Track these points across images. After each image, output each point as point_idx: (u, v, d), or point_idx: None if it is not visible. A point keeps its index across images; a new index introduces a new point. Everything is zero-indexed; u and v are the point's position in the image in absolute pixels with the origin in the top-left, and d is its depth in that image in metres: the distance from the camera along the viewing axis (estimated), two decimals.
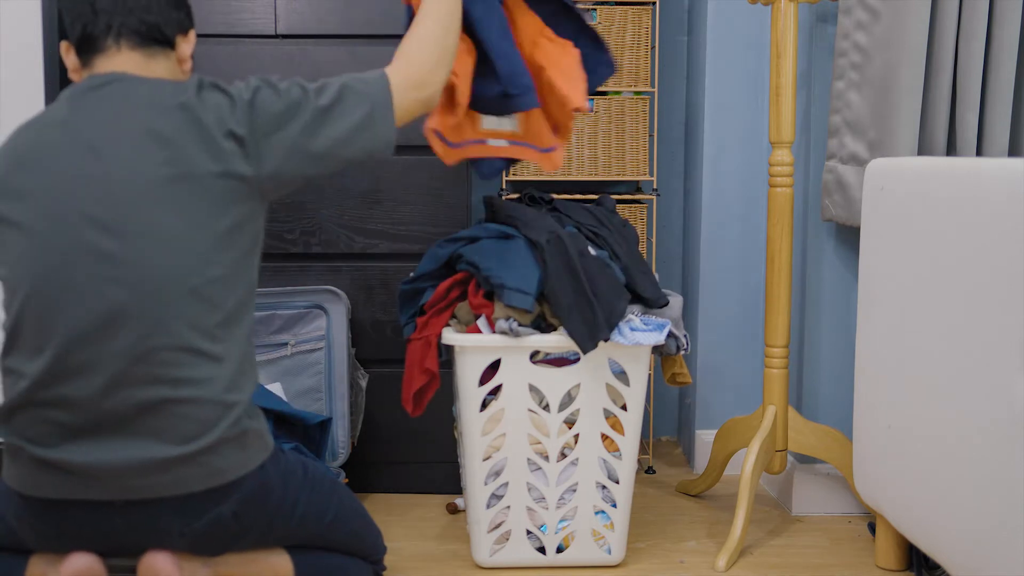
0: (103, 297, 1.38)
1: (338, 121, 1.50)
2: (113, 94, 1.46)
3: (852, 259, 2.21)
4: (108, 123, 1.43)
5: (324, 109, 1.49)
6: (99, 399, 1.38)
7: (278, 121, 1.47)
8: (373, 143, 1.53)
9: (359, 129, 1.51)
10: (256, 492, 1.47)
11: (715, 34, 2.44)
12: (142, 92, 1.46)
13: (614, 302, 1.82)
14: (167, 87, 1.47)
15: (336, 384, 2.21)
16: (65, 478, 1.40)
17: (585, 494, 1.91)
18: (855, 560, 1.99)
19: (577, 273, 1.81)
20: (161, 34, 1.52)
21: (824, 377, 2.25)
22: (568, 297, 1.81)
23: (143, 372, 1.38)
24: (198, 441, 1.40)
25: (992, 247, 1.49)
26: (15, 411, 1.41)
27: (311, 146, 1.49)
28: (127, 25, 1.50)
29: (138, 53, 1.50)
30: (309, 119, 1.48)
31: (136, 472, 1.39)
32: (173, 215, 1.41)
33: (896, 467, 1.79)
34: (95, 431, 1.39)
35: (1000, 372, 1.47)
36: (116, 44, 1.50)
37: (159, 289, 1.39)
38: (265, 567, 1.55)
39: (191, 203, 1.41)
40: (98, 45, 1.50)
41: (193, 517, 1.43)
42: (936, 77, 2.01)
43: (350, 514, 1.63)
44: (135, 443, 1.39)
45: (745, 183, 2.47)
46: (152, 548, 1.46)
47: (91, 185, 1.40)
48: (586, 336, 1.80)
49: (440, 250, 1.94)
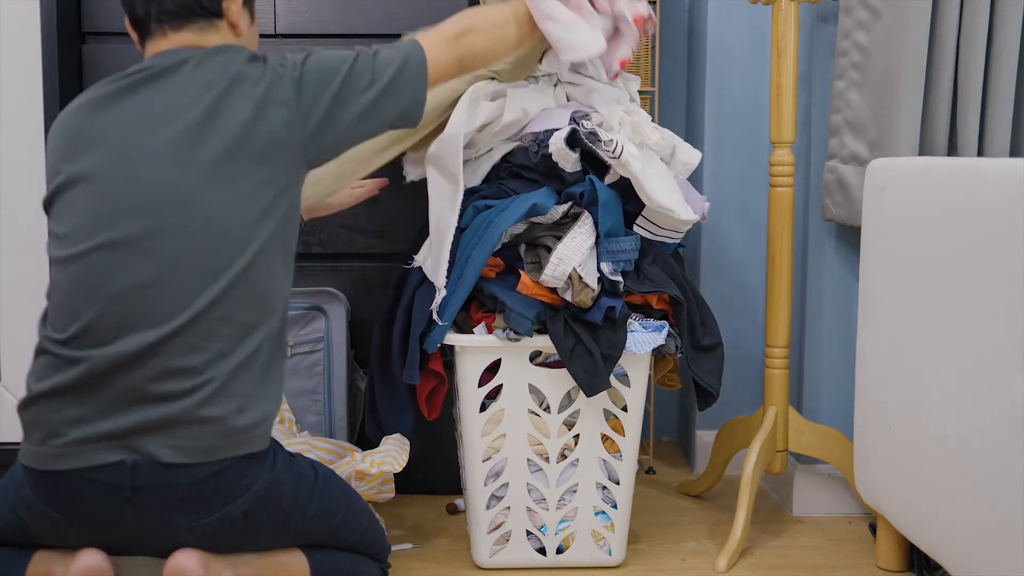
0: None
1: (376, 84, 1.53)
2: (159, 87, 1.47)
3: (853, 259, 2.21)
4: (151, 120, 1.46)
5: (370, 75, 1.53)
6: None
7: (325, 88, 1.50)
8: (409, 98, 1.56)
9: (395, 86, 1.55)
10: (268, 493, 1.47)
11: (716, 33, 2.44)
12: (190, 74, 1.47)
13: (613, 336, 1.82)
14: (216, 64, 1.48)
15: (335, 386, 2.21)
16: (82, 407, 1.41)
17: (585, 495, 1.91)
18: (856, 561, 1.98)
19: (574, 328, 1.83)
20: (202, 8, 1.52)
21: (825, 377, 2.25)
22: (569, 342, 1.82)
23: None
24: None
25: (993, 248, 1.49)
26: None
27: (350, 111, 1.52)
28: (164, 9, 1.50)
29: (185, 33, 1.51)
30: (355, 85, 1.52)
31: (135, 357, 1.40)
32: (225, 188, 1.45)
33: (897, 467, 1.78)
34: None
35: (1001, 372, 1.46)
36: (161, 29, 1.51)
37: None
38: (284, 568, 1.56)
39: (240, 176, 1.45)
40: (147, 28, 1.52)
41: (203, 514, 1.43)
42: (937, 76, 2.00)
43: (358, 514, 1.65)
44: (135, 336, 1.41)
45: (746, 183, 2.46)
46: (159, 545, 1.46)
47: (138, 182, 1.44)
48: (586, 383, 1.81)
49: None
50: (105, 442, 1.40)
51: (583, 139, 1.77)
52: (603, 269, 1.81)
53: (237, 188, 1.44)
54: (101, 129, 1.47)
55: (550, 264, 1.77)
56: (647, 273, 1.87)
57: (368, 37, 2.21)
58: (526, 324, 1.80)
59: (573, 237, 1.79)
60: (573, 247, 1.78)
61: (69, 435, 1.40)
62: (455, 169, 1.80)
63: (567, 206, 1.83)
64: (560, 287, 1.80)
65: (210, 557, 1.48)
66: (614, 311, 1.81)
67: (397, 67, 1.55)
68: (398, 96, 1.56)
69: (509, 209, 1.81)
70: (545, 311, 1.83)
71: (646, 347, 1.83)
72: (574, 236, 1.79)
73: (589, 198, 1.82)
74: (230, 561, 1.51)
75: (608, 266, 1.81)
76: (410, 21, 2.13)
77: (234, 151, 1.44)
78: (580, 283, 1.78)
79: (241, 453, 1.44)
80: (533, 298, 1.82)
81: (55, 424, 1.41)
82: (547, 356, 1.89)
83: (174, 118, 1.45)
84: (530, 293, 1.82)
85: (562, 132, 1.78)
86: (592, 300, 1.79)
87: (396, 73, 1.55)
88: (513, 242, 1.86)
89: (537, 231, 1.83)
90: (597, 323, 1.80)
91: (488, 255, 1.80)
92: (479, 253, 1.81)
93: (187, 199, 1.43)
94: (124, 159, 1.44)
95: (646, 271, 1.87)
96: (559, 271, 1.77)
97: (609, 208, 1.82)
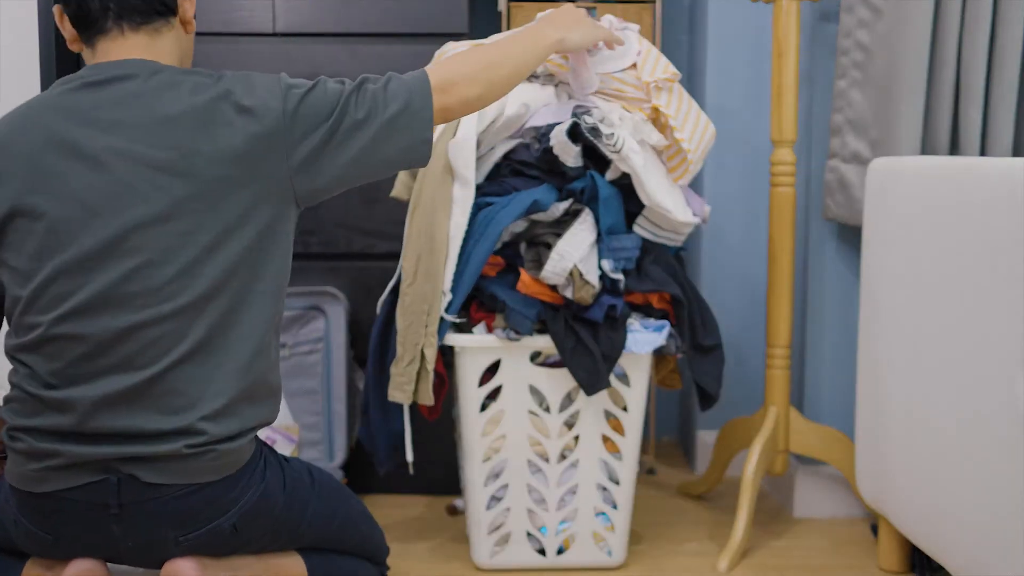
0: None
1: (375, 119, 1.43)
2: (122, 94, 1.38)
3: (854, 259, 2.20)
4: (114, 127, 1.36)
5: (363, 112, 1.43)
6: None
7: (315, 124, 1.41)
8: (410, 140, 1.46)
9: (397, 125, 1.45)
10: (256, 505, 1.45)
11: (716, 33, 2.43)
12: (154, 89, 1.38)
13: (613, 336, 1.81)
14: (184, 86, 1.39)
15: (334, 386, 2.21)
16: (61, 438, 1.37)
17: (586, 496, 1.90)
18: (857, 562, 1.98)
19: (574, 327, 1.82)
20: (163, 4, 1.43)
21: (826, 378, 2.24)
22: (569, 342, 1.81)
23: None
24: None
25: (995, 247, 1.48)
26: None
27: (346, 151, 1.43)
28: (127, 5, 1.41)
29: (142, 34, 1.42)
30: (348, 123, 1.42)
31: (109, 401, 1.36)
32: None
33: (898, 468, 1.78)
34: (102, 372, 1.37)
35: (1002, 372, 1.46)
36: (118, 27, 1.41)
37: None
38: (282, 571, 1.55)
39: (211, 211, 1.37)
40: (98, 25, 1.42)
41: (191, 528, 1.41)
42: (939, 75, 2.00)
43: (357, 516, 1.63)
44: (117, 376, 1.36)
45: (747, 182, 2.46)
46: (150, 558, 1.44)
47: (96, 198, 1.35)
48: (586, 383, 1.80)
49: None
50: (88, 465, 1.37)
51: (585, 132, 1.76)
52: (604, 267, 1.80)
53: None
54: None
55: (550, 260, 1.76)
56: (648, 272, 1.87)
57: (367, 36, 2.20)
58: (527, 323, 1.80)
59: (574, 234, 1.79)
60: (574, 243, 1.78)
61: (50, 462, 1.37)
62: (467, 172, 1.80)
63: (568, 203, 1.82)
64: (560, 284, 1.79)
65: (206, 562, 1.46)
66: (615, 309, 1.81)
67: (399, 106, 1.45)
68: (397, 137, 1.46)
69: (510, 206, 1.80)
70: (545, 310, 1.82)
71: (647, 347, 1.82)
72: (575, 232, 1.79)
73: (590, 194, 1.81)
74: (226, 565, 1.49)
75: (609, 264, 1.81)
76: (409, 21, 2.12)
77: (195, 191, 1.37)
78: (581, 280, 1.77)
79: (223, 476, 1.41)
80: (533, 297, 1.82)
81: (37, 449, 1.38)
82: (547, 356, 1.89)
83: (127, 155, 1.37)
84: (530, 292, 1.81)
85: (564, 125, 1.77)
86: (593, 298, 1.79)
87: (397, 113, 1.45)
88: (513, 240, 1.85)
89: (537, 229, 1.83)
90: (598, 321, 1.80)
91: (489, 252, 1.80)
92: (480, 250, 1.80)
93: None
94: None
95: (647, 270, 1.87)
96: (560, 267, 1.76)
97: (610, 204, 1.82)
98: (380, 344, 1.94)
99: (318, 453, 2.22)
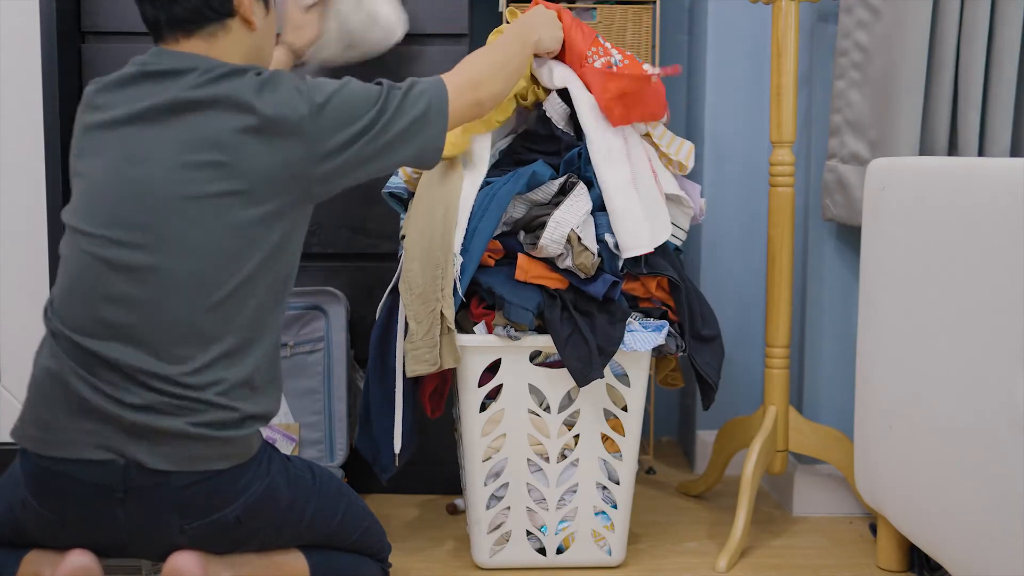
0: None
1: (398, 122, 1.53)
2: (165, 89, 1.45)
3: (853, 259, 2.21)
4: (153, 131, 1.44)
5: (390, 114, 1.53)
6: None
7: (342, 123, 1.49)
8: (423, 145, 1.57)
9: (414, 129, 1.55)
10: (262, 498, 1.47)
11: (716, 33, 2.44)
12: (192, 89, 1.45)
13: (610, 330, 1.82)
14: (229, 86, 1.45)
15: (335, 386, 2.21)
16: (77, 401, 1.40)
17: (585, 495, 1.90)
18: (856, 561, 1.98)
19: (572, 316, 1.83)
20: (211, 10, 1.48)
21: (825, 377, 2.25)
22: (566, 331, 1.81)
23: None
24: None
25: (994, 247, 1.49)
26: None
27: (368, 148, 1.51)
28: (173, 16, 1.47)
29: (196, 40, 1.48)
30: (374, 122, 1.51)
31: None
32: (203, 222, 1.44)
33: (897, 467, 1.78)
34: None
35: (1001, 372, 1.46)
36: (172, 35, 1.49)
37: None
38: (284, 568, 1.56)
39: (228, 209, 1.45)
40: (158, 32, 1.50)
41: (195, 517, 1.43)
42: (938, 76, 2.00)
43: (358, 514, 1.65)
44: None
45: (746, 183, 2.46)
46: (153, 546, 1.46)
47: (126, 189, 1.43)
48: (579, 373, 1.80)
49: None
50: (95, 438, 1.40)
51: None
52: (607, 240, 1.82)
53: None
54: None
55: (547, 228, 1.78)
56: (647, 260, 1.88)
57: None
58: (527, 316, 1.79)
59: (570, 204, 1.82)
60: (571, 211, 1.81)
61: (63, 425, 1.41)
62: (478, 147, 1.89)
63: (563, 179, 1.85)
64: (560, 255, 1.79)
65: (209, 558, 1.47)
66: (615, 289, 1.81)
67: (419, 111, 1.56)
68: (413, 140, 1.56)
69: (512, 180, 1.84)
70: (544, 301, 1.82)
71: (647, 345, 1.82)
72: (571, 203, 1.82)
73: (584, 159, 1.87)
74: (229, 562, 1.50)
75: (612, 238, 1.82)
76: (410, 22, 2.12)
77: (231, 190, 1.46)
78: (579, 245, 1.78)
79: (229, 465, 1.44)
80: (532, 284, 1.82)
81: (55, 411, 1.42)
82: (547, 356, 1.89)
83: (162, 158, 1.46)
84: (529, 278, 1.81)
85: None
86: (594, 266, 1.80)
87: (417, 117, 1.55)
88: (512, 228, 1.86)
89: (535, 212, 1.84)
90: (598, 297, 1.80)
91: (497, 222, 1.81)
92: (488, 220, 1.82)
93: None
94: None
95: (646, 259, 1.88)
96: (557, 233, 1.78)
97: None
98: (380, 347, 1.94)
99: (318, 452, 2.22)
